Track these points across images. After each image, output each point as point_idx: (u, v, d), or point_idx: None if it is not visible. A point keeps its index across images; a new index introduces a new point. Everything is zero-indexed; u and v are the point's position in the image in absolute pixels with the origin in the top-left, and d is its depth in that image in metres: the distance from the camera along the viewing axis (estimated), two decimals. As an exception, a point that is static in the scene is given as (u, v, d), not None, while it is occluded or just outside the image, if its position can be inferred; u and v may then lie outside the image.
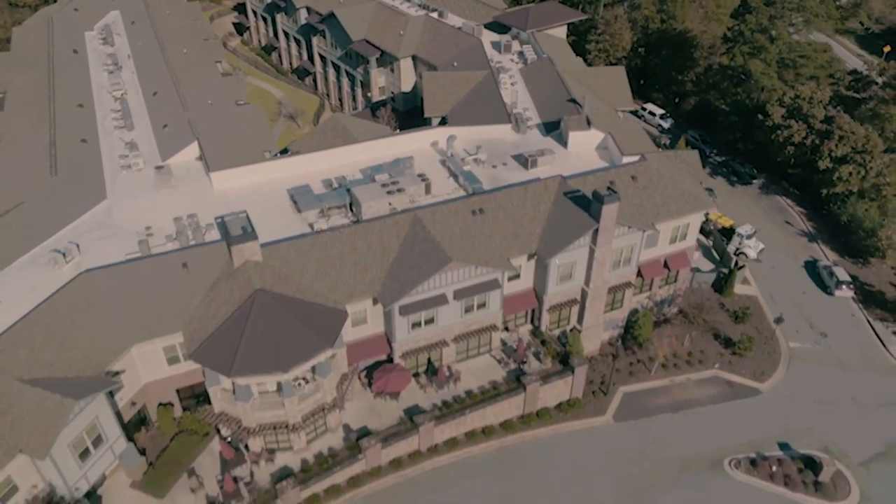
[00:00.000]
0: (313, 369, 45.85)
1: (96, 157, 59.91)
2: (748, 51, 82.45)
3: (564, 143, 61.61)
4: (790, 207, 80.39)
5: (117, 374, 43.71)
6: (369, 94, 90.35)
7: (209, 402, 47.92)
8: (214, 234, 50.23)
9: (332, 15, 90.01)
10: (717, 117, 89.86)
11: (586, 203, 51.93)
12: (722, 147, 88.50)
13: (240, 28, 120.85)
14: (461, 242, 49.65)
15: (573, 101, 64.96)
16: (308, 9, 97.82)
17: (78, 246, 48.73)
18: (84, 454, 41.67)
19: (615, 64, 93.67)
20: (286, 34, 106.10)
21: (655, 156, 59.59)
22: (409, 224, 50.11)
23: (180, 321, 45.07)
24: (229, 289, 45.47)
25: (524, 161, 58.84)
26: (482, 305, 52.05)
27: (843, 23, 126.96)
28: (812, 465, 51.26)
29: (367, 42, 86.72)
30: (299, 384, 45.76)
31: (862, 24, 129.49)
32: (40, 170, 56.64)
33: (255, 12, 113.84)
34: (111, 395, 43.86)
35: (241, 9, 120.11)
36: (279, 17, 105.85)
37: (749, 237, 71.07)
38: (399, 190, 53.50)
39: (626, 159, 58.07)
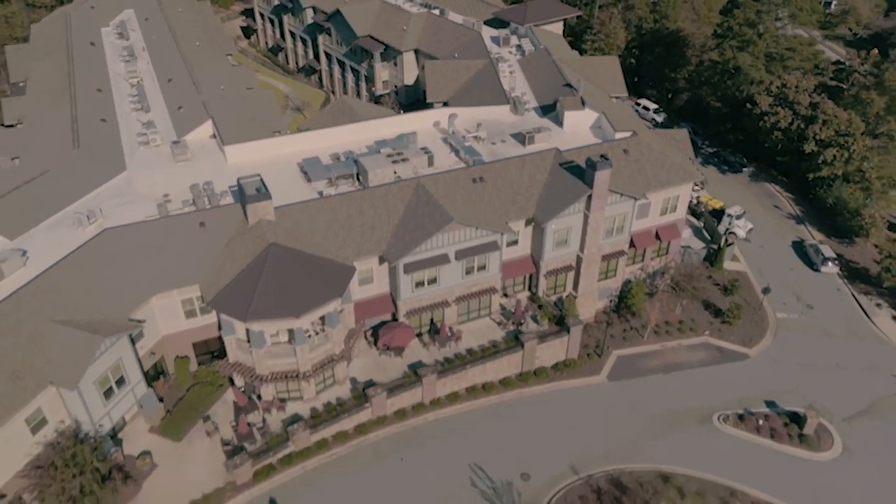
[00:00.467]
0: (322, 320, 48.56)
1: (115, 134, 63.08)
2: (737, 45, 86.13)
3: (560, 123, 64.72)
4: (779, 193, 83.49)
5: (140, 321, 46.39)
6: (373, 89, 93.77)
7: (223, 358, 50.63)
8: (230, 201, 53.12)
9: (337, 13, 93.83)
10: (709, 111, 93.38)
11: (580, 172, 54.96)
12: (713, 138, 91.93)
13: (247, 31, 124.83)
14: (462, 207, 52.61)
15: (568, 85, 68.29)
16: (314, 8, 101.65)
17: (101, 210, 51.59)
18: (108, 392, 44.30)
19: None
20: (292, 35, 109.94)
21: (647, 132, 62.81)
22: (413, 190, 53.11)
23: (197, 274, 47.93)
24: (244, 245, 48.35)
25: (522, 138, 61.84)
26: (482, 268, 54.90)
27: (833, 29, 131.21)
28: (797, 419, 53.71)
29: (372, 38, 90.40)
30: (310, 336, 48.38)
31: (850, 29, 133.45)
32: (63, 144, 59.68)
33: (262, 15, 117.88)
34: (133, 343, 46.47)
35: (248, 13, 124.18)
36: (286, 18, 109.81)
37: (738, 217, 74.05)
38: (403, 160, 56.56)
39: (618, 135, 61.17)
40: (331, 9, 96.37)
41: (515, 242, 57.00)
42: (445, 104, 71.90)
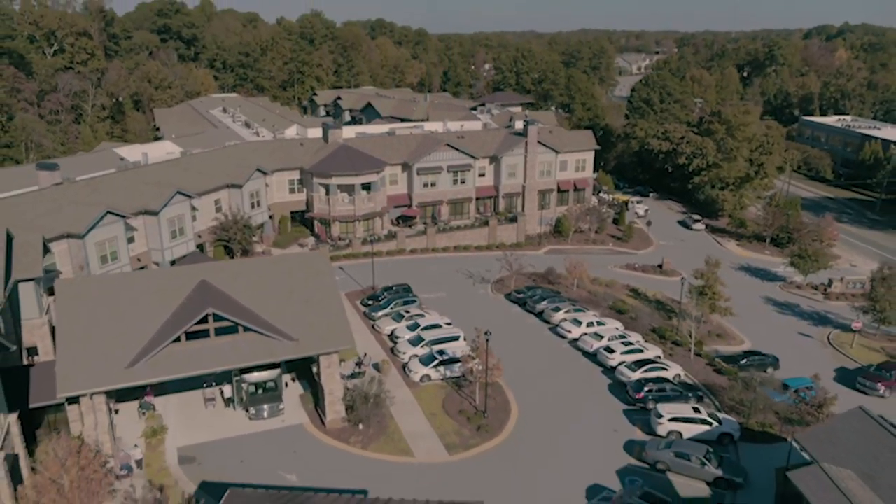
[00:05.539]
0: (368, 188, 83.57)
1: (234, 132, 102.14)
2: (639, 115, 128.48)
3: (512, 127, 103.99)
4: (672, 203, 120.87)
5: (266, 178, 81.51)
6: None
7: (307, 226, 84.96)
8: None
9: (368, 105, 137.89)
10: (626, 165, 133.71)
11: (521, 134, 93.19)
12: (630, 181, 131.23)
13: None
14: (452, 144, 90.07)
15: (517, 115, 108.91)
16: (350, 110, 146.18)
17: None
18: (252, 205, 78.16)
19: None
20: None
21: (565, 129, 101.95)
22: (422, 136, 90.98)
23: (298, 164, 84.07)
24: (326, 150, 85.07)
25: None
26: (463, 181, 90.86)
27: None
28: (660, 267, 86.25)
29: (392, 116, 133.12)
30: (363, 190, 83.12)
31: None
32: (205, 128, 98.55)
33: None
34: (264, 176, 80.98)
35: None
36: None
37: (638, 203, 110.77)
38: (416, 129, 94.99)
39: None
40: (362, 104, 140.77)
41: (483, 175, 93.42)
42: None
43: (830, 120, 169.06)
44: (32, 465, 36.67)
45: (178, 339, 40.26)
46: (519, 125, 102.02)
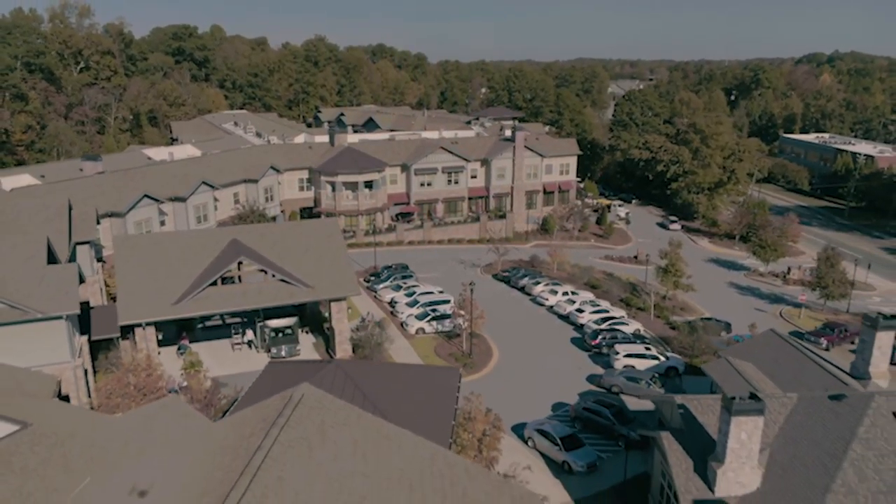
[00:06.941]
0: (370, 186, 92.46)
1: (246, 140, 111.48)
2: (622, 127, 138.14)
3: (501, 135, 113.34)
4: (653, 208, 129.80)
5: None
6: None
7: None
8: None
9: (370, 119, 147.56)
10: (611, 175, 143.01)
11: (510, 139, 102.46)
12: (614, 189, 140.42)
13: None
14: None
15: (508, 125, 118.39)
16: (353, 125, 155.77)
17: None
18: (267, 199, 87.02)
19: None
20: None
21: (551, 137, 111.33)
22: (420, 141, 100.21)
23: (307, 164, 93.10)
24: (332, 152, 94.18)
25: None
26: (456, 182, 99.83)
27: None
28: (636, 258, 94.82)
29: (391, 129, 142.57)
30: (363, 193, 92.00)
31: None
32: (222, 135, 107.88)
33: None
34: (279, 173, 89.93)
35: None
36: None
37: (620, 206, 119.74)
38: (414, 135, 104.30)
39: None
40: (364, 121, 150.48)
41: (475, 177, 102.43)
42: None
43: (808, 137, 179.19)
44: (95, 381, 45.00)
45: (214, 283, 48.78)
46: (508, 132, 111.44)
